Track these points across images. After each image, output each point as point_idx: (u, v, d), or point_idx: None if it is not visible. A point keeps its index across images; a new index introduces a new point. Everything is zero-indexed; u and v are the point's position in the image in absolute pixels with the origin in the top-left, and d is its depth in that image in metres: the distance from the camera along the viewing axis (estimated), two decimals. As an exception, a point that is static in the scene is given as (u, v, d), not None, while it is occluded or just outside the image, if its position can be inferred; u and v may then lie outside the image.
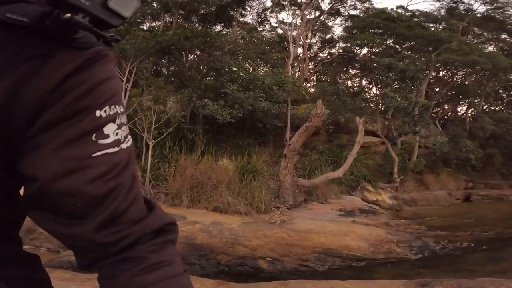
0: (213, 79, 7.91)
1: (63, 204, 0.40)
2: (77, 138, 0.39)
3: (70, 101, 0.39)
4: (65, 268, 3.55)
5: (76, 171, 0.39)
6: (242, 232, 4.68)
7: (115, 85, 0.43)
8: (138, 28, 7.48)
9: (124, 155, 0.42)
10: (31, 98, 0.38)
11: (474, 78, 11.63)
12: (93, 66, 0.40)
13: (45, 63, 0.38)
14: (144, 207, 0.44)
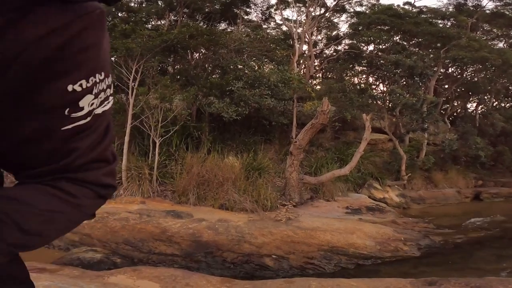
0: (218, 77, 7.91)
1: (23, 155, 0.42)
2: (48, 110, 0.37)
3: (44, 64, 0.35)
4: (74, 265, 3.60)
5: (41, 141, 0.39)
6: (248, 230, 4.69)
7: (100, 52, 0.39)
8: (143, 27, 7.52)
9: (95, 121, 0.41)
10: (5, 52, 0.34)
11: (484, 74, 11.42)
12: (81, 27, 0.35)
13: (26, 16, 0.33)
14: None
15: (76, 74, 0.37)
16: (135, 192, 5.82)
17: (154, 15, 9.40)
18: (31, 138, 0.39)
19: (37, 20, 0.33)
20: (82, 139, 0.41)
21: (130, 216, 4.97)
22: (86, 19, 0.36)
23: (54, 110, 0.37)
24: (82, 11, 0.35)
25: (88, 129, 0.41)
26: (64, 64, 0.36)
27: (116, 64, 6.29)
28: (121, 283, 2.27)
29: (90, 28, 0.36)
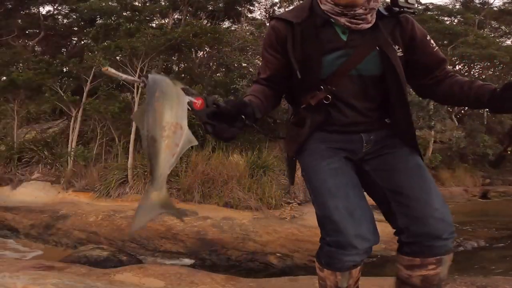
0: (222, 75, 7.92)
1: (431, 64, 1.14)
2: (429, 45, 1.12)
3: (419, 33, 1.11)
4: (81, 263, 3.64)
5: (433, 53, 1.13)
6: (253, 228, 4.70)
7: (422, 28, 1.14)
8: (147, 26, 7.54)
9: (440, 50, 1.16)
10: (405, 32, 1.10)
11: (491, 72, 11.26)
12: (412, 22, 1.11)
13: (401, 21, 1.10)
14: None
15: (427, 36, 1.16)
16: (141, 190, 5.87)
17: (157, 14, 9.42)
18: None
19: (405, 22, 1.14)
20: None
21: (135, 214, 5.00)
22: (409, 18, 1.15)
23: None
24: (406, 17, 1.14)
25: None
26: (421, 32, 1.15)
27: (121, 63, 6.33)
28: (127, 280, 2.29)
29: (413, 22, 1.14)
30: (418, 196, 1.03)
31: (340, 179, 1.06)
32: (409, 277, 1.07)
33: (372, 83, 1.08)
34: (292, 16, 1.08)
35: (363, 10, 1.02)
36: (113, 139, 6.79)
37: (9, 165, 6.90)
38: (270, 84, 1.12)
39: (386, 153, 1.12)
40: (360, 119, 1.10)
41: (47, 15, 10.93)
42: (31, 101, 7.84)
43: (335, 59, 1.05)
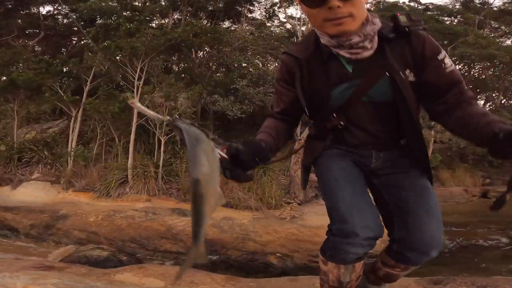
0: (222, 75, 7.92)
1: (441, 86, 1.04)
2: (440, 65, 1.03)
3: (429, 51, 1.02)
4: (81, 263, 3.64)
5: (445, 76, 1.03)
6: (253, 228, 4.69)
7: (436, 42, 1.05)
8: (147, 26, 7.54)
9: (456, 69, 1.06)
10: (416, 52, 1.03)
11: (491, 72, 11.26)
12: (424, 39, 1.03)
13: (411, 40, 1.02)
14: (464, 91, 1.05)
15: (437, 50, 1.07)
16: (141, 190, 5.87)
17: (157, 14, 9.42)
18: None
19: (416, 39, 1.05)
20: None
21: (136, 214, 5.01)
22: (423, 35, 1.07)
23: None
24: (421, 33, 1.06)
25: None
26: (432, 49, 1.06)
27: (121, 63, 6.33)
28: (127, 280, 2.29)
29: (427, 37, 1.06)
30: (419, 218, 1.07)
31: (348, 176, 1.12)
32: (379, 269, 1.28)
33: (384, 108, 1.07)
34: (299, 51, 1.09)
35: (359, 38, 0.99)
36: (113, 139, 6.79)
37: (9, 165, 6.90)
38: (284, 117, 1.15)
39: (396, 172, 1.15)
40: (372, 140, 1.13)
41: (47, 15, 10.94)
42: (31, 101, 7.84)
43: (344, 91, 1.06)
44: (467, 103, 1.01)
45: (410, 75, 1.02)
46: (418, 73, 1.03)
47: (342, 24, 0.95)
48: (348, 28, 0.96)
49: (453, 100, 1.02)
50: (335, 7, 0.93)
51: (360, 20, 0.98)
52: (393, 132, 1.11)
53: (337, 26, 0.96)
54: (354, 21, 0.96)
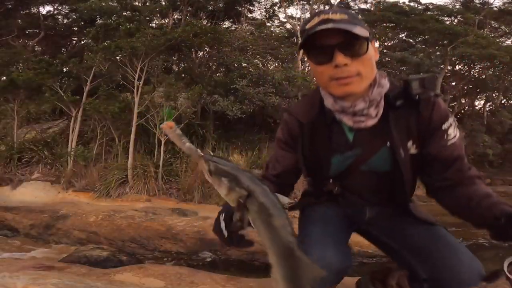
0: (223, 75, 7.92)
1: (442, 160, 0.95)
2: (442, 136, 0.94)
3: (436, 119, 0.94)
4: (81, 263, 3.63)
5: (445, 148, 0.94)
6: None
7: (446, 109, 0.97)
8: (147, 26, 7.55)
9: (460, 142, 0.96)
10: (422, 121, 0.95)
11: (491, 72, 11.26)
12: (433, 105, 0.95)
13: (420, 107, 0.94)
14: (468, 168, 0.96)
15: (444, 119, 0.98)
16: (141, 190, 5.87)
17: (157, 14, 9.42)
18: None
19: (424, 107, 0.95)
20: None
21: (136, 214, 5.01)
22: (433, 101, 0.97)
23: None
24: (430, 99, 0.96)
25: None
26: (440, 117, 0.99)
27: (121, 63, 6.33)
28: (127, 280, 2.29)
29: (437, 103, 0.98)
30: (444, 259, 0.96)
31: (326, 219, 1.08)
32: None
33: (381, 177, 1.02)
34: (303, 114, 1.03)
35: (364, 104, 0.92)
36: (113, 139, 6.79)
37: (9, 165, 6.90)
38: (278, 181, 1.06)
39: (392, 219, 1.10)
40: (365, 203, 1.10)
41: (47, 15, 10.94)
42: (31, 101, 7.84)
43: (344, 160, 1.02)
44: (470, 182, 0.92)
45: (412, 147, 0.96)
46: (421, 144, 0.96)
47: (348, 85, 0.88)
48: (354, 90, 0.89)
49: (454, 178, 0.93)
50: (341, 65, 0.86)
51: (368, 80, 0.91)
52: (386, 197, 1.08)
53: (343, 87, 0.89)
54: (361, 81, 0.89)
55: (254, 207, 0.66)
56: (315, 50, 0.90)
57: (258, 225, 0.67)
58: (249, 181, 0.68)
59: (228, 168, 0.71)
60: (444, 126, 0.94)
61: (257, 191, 0.67)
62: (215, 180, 0.72)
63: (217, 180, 0.72)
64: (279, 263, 0.66)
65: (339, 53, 0.85)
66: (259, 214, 0.66)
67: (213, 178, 0.73)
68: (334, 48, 0.86)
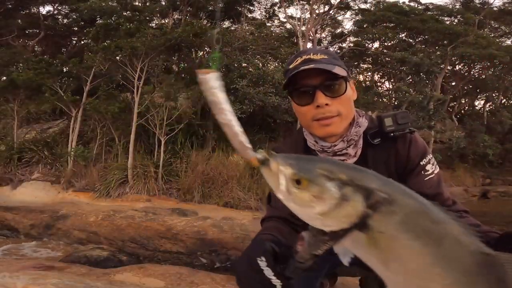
0: (222, 75, 7.89)
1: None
2: (420, 172, 0.94)
3: (414, 156, 0.95)
4: (81, 263, 3.63)
5: (423, 184, 0.93)
6: (253, 228, 4.69)
7: (424, 145, 0.99)
8: (147, 26, 7.54)
9: (438, 178, 0.96)
10: (400, 158, 0.96)
11: (491, 72, 11.26)
12: (410, 142, 0.96)
13: (397, 144, 0.97)
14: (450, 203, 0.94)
15: (420, 156, 0.99)
16: (141, 190, 5.87)
17: (157, 14, 9.42)
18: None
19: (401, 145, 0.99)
20: None
21: (136, 214, 5.01)
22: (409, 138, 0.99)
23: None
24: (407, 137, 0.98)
25: None
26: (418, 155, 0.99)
27: (121, 63, 6.33)
28: (127, 280, 2.29)
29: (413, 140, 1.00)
30: None
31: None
32: None
33: None
34: (288, 152, 1.02)
35: (343, 143, 0.95)
36: (113, 139, 6.79)
37: (9, 165, 6.90)
38: (283, 220, 0.98)
39: None
40: None
41: (47, 15, 10.94)
42: (31, 101, 7.84)
43: None
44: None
45: None
46: (400, 181, 0.95)
47: (330, 125, 0.92)
48: (335, 130, 0.93)
49: None
50: (323, 105, 0.90)
51: (347, 120, 0.95)
52: None
53: (324, 127, 0.93)
54: (341, 121, 0.93)
55: (395, 217, 0.43)
56: (297, 91, 0.95)
57: (403, 245, 0.43)
58: (376, 180, 0.45)
59: (331, 166, 0.46)
60: (422, 162, 0.95)
61: (397, 191, 0.46)
62: (307, 190, 0.45)
63: (313, 189, 0.44)
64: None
65: (320, 94, 0.90)
66: (407, 225, 0.43)
67: (297, 189, 0.45)
68: (315, 89, 0.91)
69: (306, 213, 0.48)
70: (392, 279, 0.47)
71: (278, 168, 0.48)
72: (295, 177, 0.46)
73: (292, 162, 0.48)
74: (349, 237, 0.46)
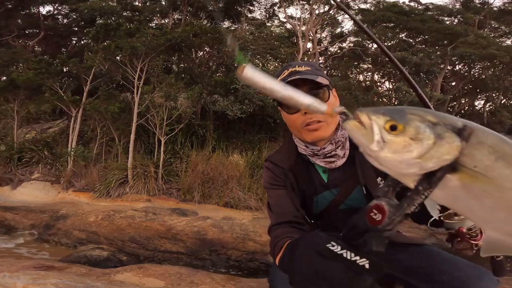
0: (222, 75, 7.92)
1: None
2: None
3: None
4: (81, 263, 3.64)
5: None
6: (253, 228, 4.69)
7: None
8: (147, 26, 7.55)
9: None
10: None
11: (492, 72, 11.26)
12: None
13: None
14: None
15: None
16: (141, 190, 5.87)
17: (157, 14, 9.43)
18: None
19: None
20: None
21: (136, 214, 5.01)
22: None
23: None
24: None
25: None
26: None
27: (121, 63, 6.33)
28: (127, 280, 2.29)
29: None
30: (444, 271, 0.97)
31: None
32: None
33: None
34: (283, 161, 1.12)
35: (331, 145, 1.04)
36: (113, 139, 6.79)
37: (9, 165, 6.90)
38: (299, 225, 1.02)
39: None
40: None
41: (47, 15, 10.94)
42: (31, 101, 7.84)
43: (324, 198, 1.10)
44: None
45: (381, 183, 1.03)
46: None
47: (318, 130, 1.01)
48: (322, 135, 1.02)
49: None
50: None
51: (333, 125, 1.04)
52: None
53: (313, 132, 1.02)
54: (327, 126, 1.02)
55: (485, 147, 0.44)
56: None
57: (499, 174, 0.43)
58: (458, 120, 0.46)
59: (419, 111, 0.46)
60: None
61: (475, 125, 0.46)
62: (403, 134, 0.44)
63: (409, 132, 0.44)
64: None
65: None
66: (498, 153, 0.43)
67: (393, 136, 0.44)
68: None
69: (404, 160, 0.46)
70: (490, 218, 0.45)
71: (371, 118, 0.48)
72: (390, 123, 0.46)
73: (382, 111, 0.48)
74: (439, 185, 0.45)
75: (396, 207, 0.50)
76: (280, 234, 0.98)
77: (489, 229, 0.48)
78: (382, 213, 0.51)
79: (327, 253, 0.56)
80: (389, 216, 0.50)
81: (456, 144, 0.44)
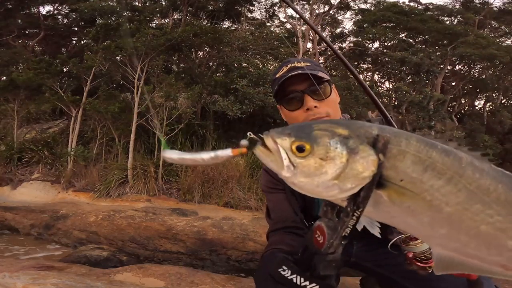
0: (222, 75, 7.91)
1: None
2: None
3: None
4: (81, 263, 3.64)
5: None
6: (253, 228, 4.69)
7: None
8: (147, 26, 7.55)
9: None
10: None
11: (492, 71, 11.26)
12: None
13: None
14: None
15: None
16: (141, 190, 5.87)
17: (158, 14, 9.43)
18: None
19: None
20: None
21: (136, 214, 5.01)
22: None
23: None
24: None
25: None
26: None
27: (121, 63, 6.33)
28: (127, 280, 2.29)
29: None
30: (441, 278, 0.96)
31: None
32: None
33: None
34: None
35: None
36: (113, 139, 6.79)
37: (9, 165, 6.90)
38: (296, 230, 1.00)
39: (381, 250, 1.07)
40: (351, 236, 1.06)
41: (47, 15, 10.94)
42: (31, 101, 7.84)
43: (320, 202, 1.05)
44: None
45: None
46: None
47: None
48: None
49: None
50: (312, 107, 0.96)
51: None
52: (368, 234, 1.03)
53: None
54: None
55: (409, 157, 0.37)
56: (287, 98, 1.00)
57: (429, 187, 0.38)
58: (373, 127, 0.40)
59: (327, 125, 0.41)
60: None
61: (395, 132, 0.40)
62: (312, 155, 0.39)
63: (318, 151, 0.39)
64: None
65: (308, 97, 0.97)
66: (423, 163, 0.37)
67: (302, 158, 0.39)
68: (303, 94, 0.97)
69: (320, 183, 0.41)
70: (432, 234, 0.40)
71: (276, 142, 0.44)
72: (295, 144, 0.42)
73: (287, 131, 0.44)
74: (370, 202, 0.40)
75: (333, 229, 0.49)
76: (271, 243, 0.97)
77: (435, 246, 0.43)
78: (323, 235, 0.50)
79: (278, 278, 0.57)
80: (328, 240, 0.49)
81: (372, 159, 0.38)
